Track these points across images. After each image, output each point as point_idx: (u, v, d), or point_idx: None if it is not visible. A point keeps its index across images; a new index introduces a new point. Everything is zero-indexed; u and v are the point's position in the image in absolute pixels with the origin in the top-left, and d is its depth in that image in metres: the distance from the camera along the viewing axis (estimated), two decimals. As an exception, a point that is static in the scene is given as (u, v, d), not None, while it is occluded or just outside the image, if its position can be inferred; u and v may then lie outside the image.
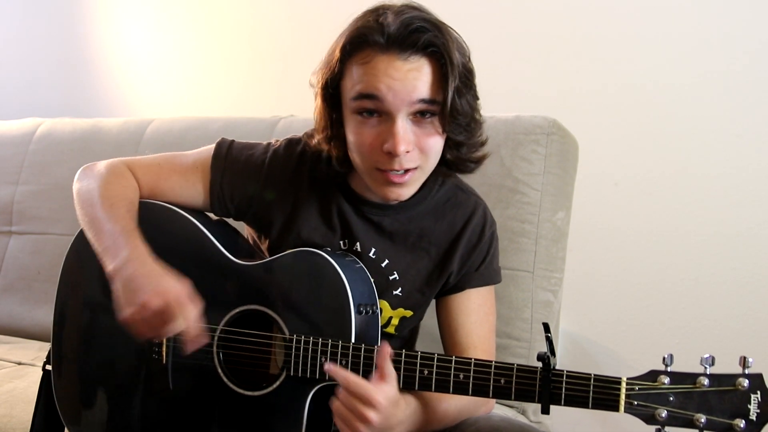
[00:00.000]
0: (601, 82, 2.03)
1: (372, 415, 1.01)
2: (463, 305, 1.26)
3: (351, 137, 1.13)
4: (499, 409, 1.53)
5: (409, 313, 1.28)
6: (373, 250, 1.24)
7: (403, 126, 1.07)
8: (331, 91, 1.14)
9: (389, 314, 1.27)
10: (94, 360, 1.27)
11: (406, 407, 1.10)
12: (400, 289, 1.26)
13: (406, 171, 1.11)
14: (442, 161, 1.18)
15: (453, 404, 1.19)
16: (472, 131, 1.15)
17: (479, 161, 1.21)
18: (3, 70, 3.11)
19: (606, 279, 2.02)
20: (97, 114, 2.71)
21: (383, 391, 1.03)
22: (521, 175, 1.70)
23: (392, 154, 1.08)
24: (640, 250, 1.99)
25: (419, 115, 1.09)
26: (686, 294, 1.93)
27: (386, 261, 1.25)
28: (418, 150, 1.10)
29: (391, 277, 1.25)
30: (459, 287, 1.26)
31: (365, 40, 1.07)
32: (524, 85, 2.11)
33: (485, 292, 1.28)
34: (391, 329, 1.28)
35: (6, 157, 2.46)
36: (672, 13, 1.95)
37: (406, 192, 1.15)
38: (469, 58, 1.13)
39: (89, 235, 1.20)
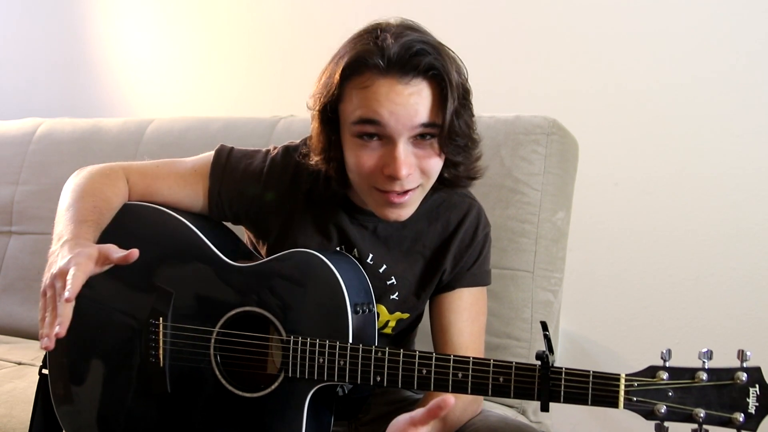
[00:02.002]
0: (601, 82, 2.03)
1: None
2: (454, 304, 1.26)
3: (350, 159, 1.12)
4: (499, 409, 1.53)
5: (405, 315, 1.29)
6: (371, 255, 1.24)
7: (405, 150, 1.07)
8: (330, 115, 1.12)
9: (386, 318, 1.27)
10: (91, 363, 1.26)
11: None
12: (397, 293, 1.26)
13: (407, 191, 1.11)
14: (439, 179, 1.17)
15: (458, 409, 1.18)
16: (469, 151, 1.15)
17: (474, 177, 1.21)
18: (3, 70, 3.11)
19: (606, 279, 2.02)
20: (97, 114, 2.71)
21: None
22: (521, 175, 1.70)
23: (393, 177, 1.08)
24: (640, 250, 1.99)
25: (419, 138, 1.08)
26: (686, 294, 1.93)
27: (384, 266, 1.25)
28: (419, 171, 1.10)
29: (388, 282, 1.25)
30: (451, 286, 1.26)
31: (365, 63, 1.05)
32: (524, 85, 2.11)
33: (477, 293, 1.28)
34: (388, 330, 1.29)
35: (6, 157, 2.46)
36: (672, 13, 1.95)
37: (405, 212, 1.15)
38: (467, 78, 1.13)
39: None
